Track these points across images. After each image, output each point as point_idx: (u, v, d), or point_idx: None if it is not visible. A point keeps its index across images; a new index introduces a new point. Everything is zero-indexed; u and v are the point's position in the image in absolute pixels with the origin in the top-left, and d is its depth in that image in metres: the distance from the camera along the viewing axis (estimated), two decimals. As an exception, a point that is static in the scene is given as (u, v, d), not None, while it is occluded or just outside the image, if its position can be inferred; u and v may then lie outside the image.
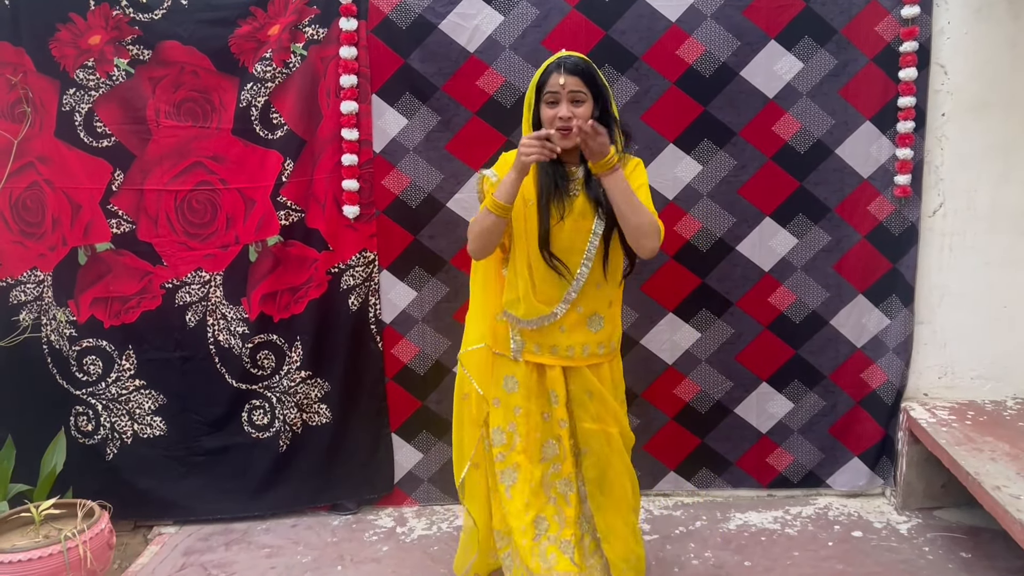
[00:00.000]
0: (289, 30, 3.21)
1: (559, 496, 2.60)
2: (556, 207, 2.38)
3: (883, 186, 3.32)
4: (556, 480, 2.60)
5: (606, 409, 2.54)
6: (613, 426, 2.55)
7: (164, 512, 3.47)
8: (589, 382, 2.52)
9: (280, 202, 3.31)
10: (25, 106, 3.24)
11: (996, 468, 2.78)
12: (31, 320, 3.35)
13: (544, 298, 2.45)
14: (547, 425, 2.57)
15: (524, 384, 2.55)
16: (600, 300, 2.49)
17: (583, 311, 2.47)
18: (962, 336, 3.43)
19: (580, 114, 2.29)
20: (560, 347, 2.49)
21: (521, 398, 2.55)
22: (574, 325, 2.47)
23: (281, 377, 3.42)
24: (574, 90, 2.29)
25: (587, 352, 2.50)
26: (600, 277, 2.46)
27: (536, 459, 2.57)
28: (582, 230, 2.41)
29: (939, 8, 3.21)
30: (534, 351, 2.52)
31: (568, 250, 2.42)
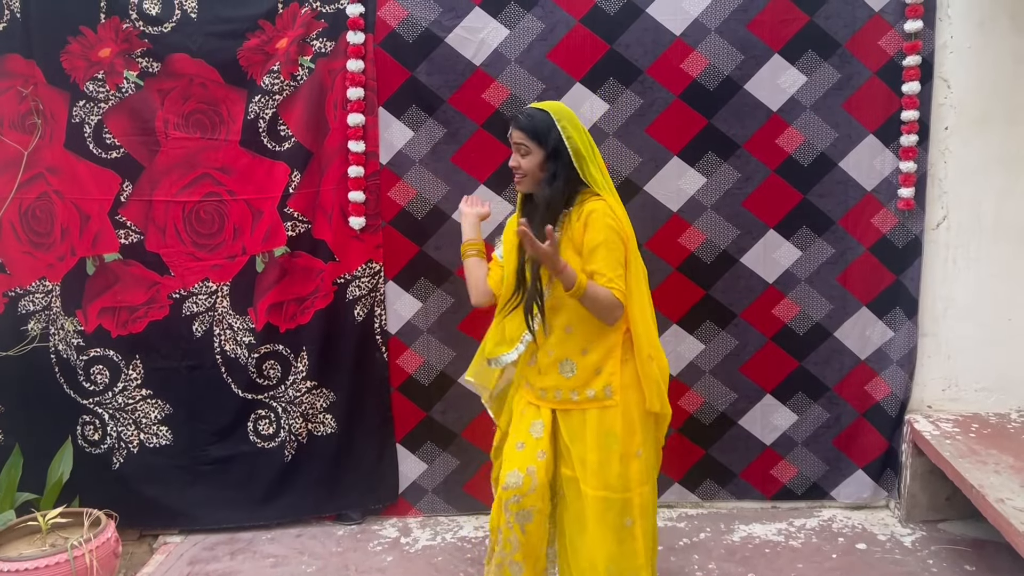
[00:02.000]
0: (297, 43, 3.24)
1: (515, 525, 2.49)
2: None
3: (887, 199, 3.33)
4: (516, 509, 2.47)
5: (580, 461, 2.43)
6: (586, 484, 2.42)
7: (170, 521, 3.48)
8: (564, 427, 2.47)
9: (287, 213, 3.34)
10: (35, 117, 3.28)
11: (1000, 480, 2.78)
12: (39, 330, 3.37)
13: (509, 337, 2.53)
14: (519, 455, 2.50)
15: (508, 409, 2.65)
16: (571, 346, 2.42)
17: (554, 355, 2.44)
18: (966, 348, 3.43)
19: (523, 164, 2.41)
20: (535, 386, 2.53)
21: (504, 421, 2.67)
22: (547, 368, 2.48)
23: (287, 387, 3.44)
24: (517, 142, 2.41)
25: (559, 397, 2.46)
26: (571, 321, 2.40)
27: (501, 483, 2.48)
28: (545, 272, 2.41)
29: (942, 22, 3.23)
30: (524, 385, 2.58)
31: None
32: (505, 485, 2.45)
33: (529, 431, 2.50)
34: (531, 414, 2.53)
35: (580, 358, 2.43)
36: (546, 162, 2.39)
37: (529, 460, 2.46)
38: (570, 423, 2.47)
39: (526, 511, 2.44)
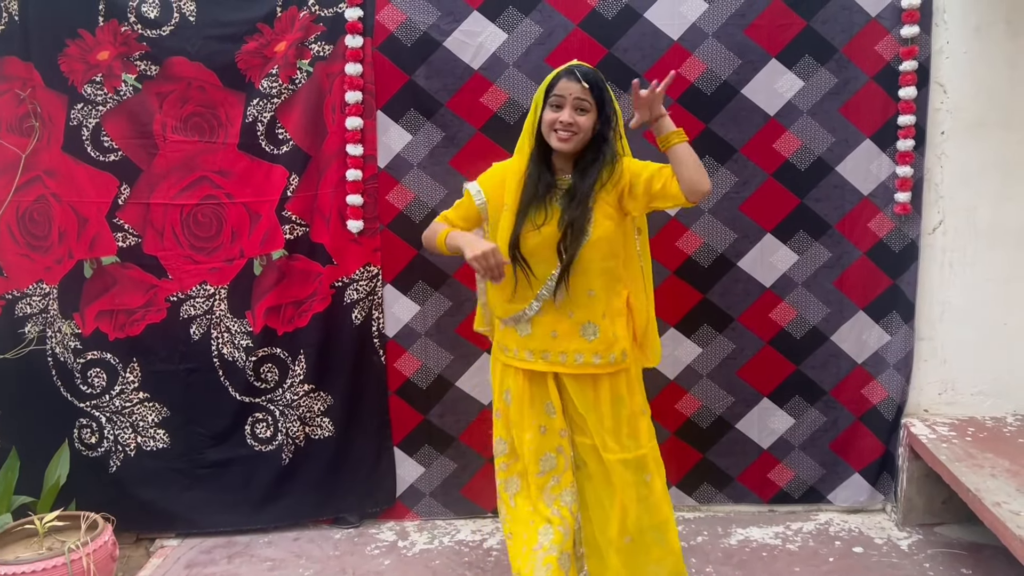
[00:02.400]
0: (295, 47, 3.24)
1: (563, 508, 2.57)
2: (533, 216, 2.41)
3: (883, 203, 3.34)
4: (558, 492, 2.58)
5: (597, 427, 2.51)
6: (606, 450, 2.51)
7: (167, 524, 3.47)
8: (579, 396, 2.50)
9: (285, 216, 3.34)
10: (33, 120, 3.27)
11: (996, 484, 2.79)
12: (36, 332, 3.37)
13: (519, 297, 2.47)
14: (544, 438, 2.54)
15: (517, 397, 2.55)
16: (593, 309, 2.46)
17: (575, 317, 2.45)
18: (962, 352, 3.44)
19: (580, 122, 2.33)
20: (552, 352, 2.48)
21: (515, 412, 2.56)
22: (567, 331, 2.46)
23: (284, 390, 3.44)
24: (579, 97, 2.32)
25: (580, 360, 2.47)
26: (592, 284, 2.44)
27: (534, 471, 2.54)
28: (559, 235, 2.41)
29: (938, 28, 3.24)
30: (526, 358, 2.52)
31: (541, 254, 2.42)
32: (540, 472, 2.52)
33: (544, 411, 2.54)
34: (538, 393, 2.53)
35: (601, 321, 2.47)
36: (598, 121, 2.37)
37: (555, 441, 2.54)
38: (583, 392, 2.50)
39: (568, 490, 2.56)
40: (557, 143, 2.36)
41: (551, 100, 2.35)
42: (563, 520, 2.55)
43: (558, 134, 2.35)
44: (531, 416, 2.53)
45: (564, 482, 2.57)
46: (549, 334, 2.47)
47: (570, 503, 2.58)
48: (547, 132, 2.37)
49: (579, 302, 2.45)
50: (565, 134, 2.34)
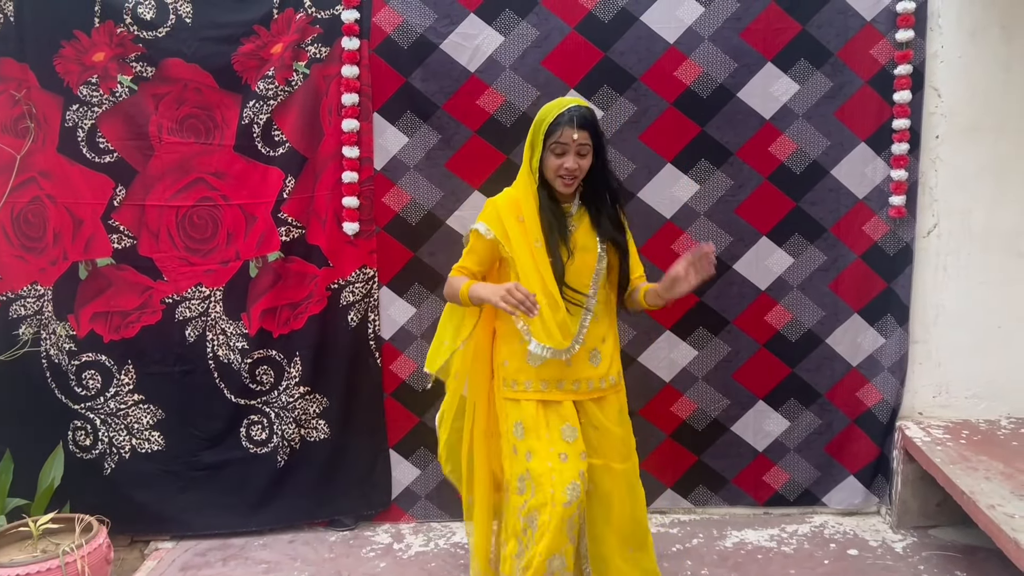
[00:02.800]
0: (292, 48, 3.24)
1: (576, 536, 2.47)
2: (563, 246, 2.44)
3: (878, 206, 3.36)
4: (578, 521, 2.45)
5: (611, 442, 2.54)
6: (618, 461, 2.55)
7: (161, 527, 3.46)
8: (593, 415, 2.53)
9: (281, 218, 3.34)
10: (28, 121, 3.27)
11: (991, 487, 2.80)
12: (31, 334, 3.36)
13: (565, 328, 2.43)
14: (567, 466, 2.40)
15: (532, 427, 2.45)
16: (595, 335, 2.51)
17: (584, 345, 2.49)
18: (956, 355, 3.45)
19: (583, 166, 2.40)
20: (566, 381, 2.49)
21: (532, 440, 2.45)
22: (578, 359, 2.48)
23: (280, 392, 3.43)
24: (583, 143, 2.37)
25: (591, 387, 2.52)
26: (597, 309, 2.52)
27: (561, 501, 2.36)
28: (586, 264, 2.47)
29: (933, 32, 3.26)
30: (541, 388, 2.49)
31: (574, 284, 2.45)
32: (567, 502, 2.35)
33: (562, 437, 2.45)
34: (555, 418, 2.47)
35: (602, 346, 2.53)
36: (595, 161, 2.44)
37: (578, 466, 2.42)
38: (601, 409, 2.54)
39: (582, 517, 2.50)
40: (563, 188, 2.43)
41: (553, 148, 2.38)
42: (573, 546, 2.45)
43: (563, 180, 2.41)
44: (549, 443, 2.43)
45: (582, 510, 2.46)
46: (564, 363, 2.47)
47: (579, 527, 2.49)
48: (552, 177, 2.42)
49: (589, 328, 2.50)
50: (571, 180, 2.41)
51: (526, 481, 2.43)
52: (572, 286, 2.44)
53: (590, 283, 2.48)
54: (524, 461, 2.44)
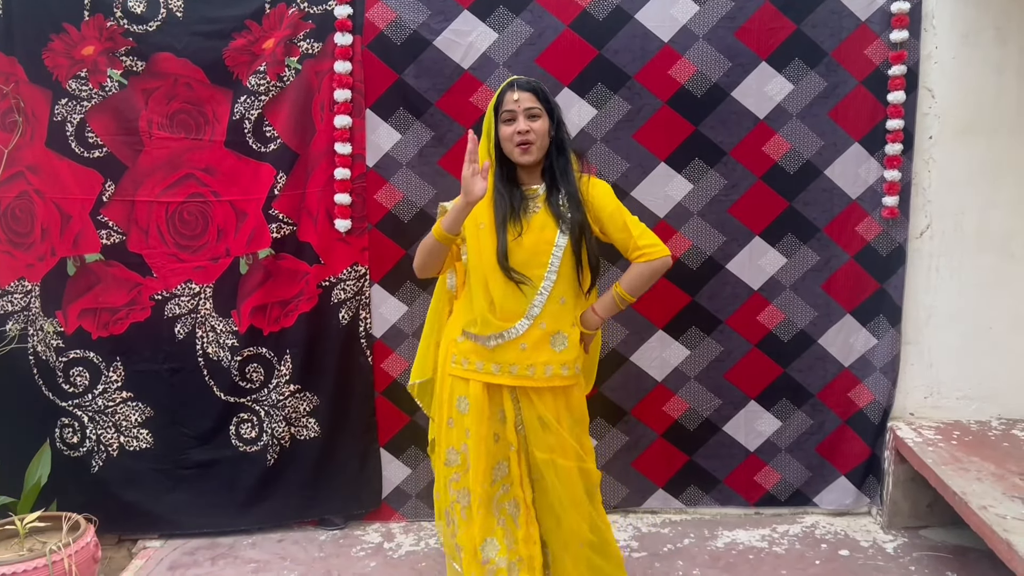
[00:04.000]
0: (284, 44, 3.22)
1: (508, 517, 2.49)
2: (512, 226, 2.39)
3: (871, 207, 3.36)
4: (505, 501, 2.49)
5: (558, 439, 2.45)
6: (566, 459, 2.46)
7: (150, 526, 3.43)
8: (541, 408, 2.44)
9: (272, 215, 3.31)
10: (16, 115, 3.23)
11: (982, 488, 2.80)
12: (18, 330, 3.32)
13: (505, 315, 2.40)
14: (498, 447, 2.46)
15: (475, 406, 2.44)
16: (563, 318, 2.44)
17: (546, 328, 2.41)
18: (948, 356, 3.46)
19: (536, 128, 2.35)
20: (520, 365, 2.41)
21: (472, 420, 2.45)
22: (537, 343, 2.40)
23: (270, 390, 3.41)
24: (529, 106, 2.36)
25: (549, 372, 2.42)
26: (564, 292, 2.43)
27: (487, 481, 2.44)
28: (543, 242, 2.40)
29: (927, 33, 3.26)
30: (492, 371, 2.43)
31: (528, 263, 2.39)
32: (492, 480, 2.44)
33: (499, 420, 2.46)
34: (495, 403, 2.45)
35: (571, 330, 2.46)
36: (551, 127, 2.39)
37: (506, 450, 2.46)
38: (548, 403, 2.44)
39: (516, 501, 2.47)
40: (520, 156, 2.37)
41: (503, 116, 2.38)
42: (507, 532, 2.48)
43: (520, 148, 2.36)
44: (487, 425, 2.44)
45: (512, 492, 2.48)
46: (518, 346, 2.40)
47: (515, 514, 2.49)
48: (509, 149, 2.39)
49: (551, 310, 2.42)
50: (524, 144, 2.36)
51: (460, 455, 2.46)
52: (520, 267, 2.37)
53: (547, 262, 2.39)
54: (462, 436, 2.46)
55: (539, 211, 2.42)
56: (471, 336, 2.45)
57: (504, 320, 2.41)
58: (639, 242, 2.43)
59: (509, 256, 2.37)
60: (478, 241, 2.44)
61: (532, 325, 2.40)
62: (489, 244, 2.40)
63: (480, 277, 2.43)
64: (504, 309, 2.41)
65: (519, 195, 2.43)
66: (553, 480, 2.46)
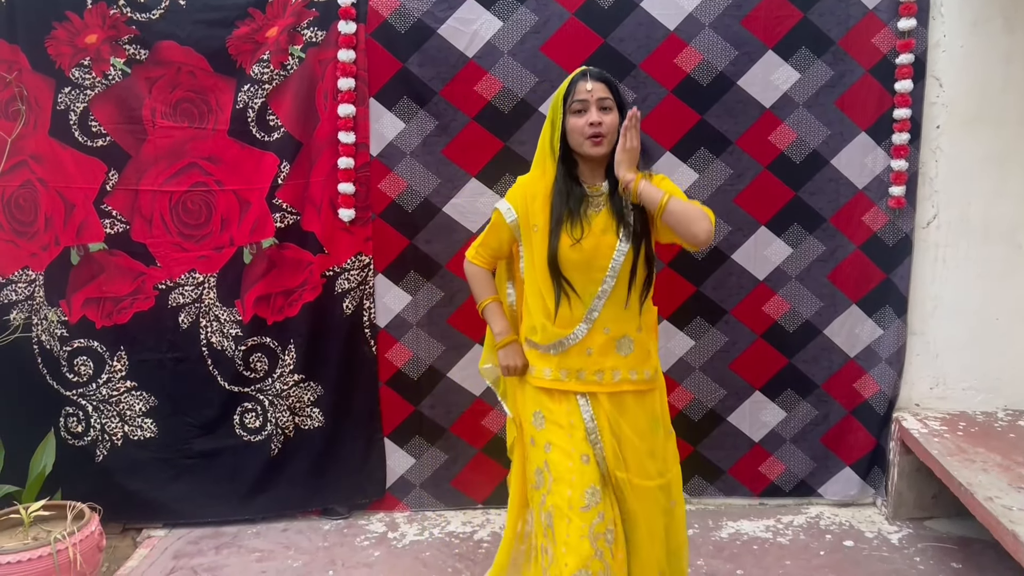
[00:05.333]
0: (287, 32, 3.20)
1: (605, 549, 2.26)
2: (570, 230, 2.24)
3: (878, 197, 3.34)
4: (602, 530, 2.25)
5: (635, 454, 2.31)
6: (646, 478, 2.32)
7: (154, 515, 3.44)
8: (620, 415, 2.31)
9: (276, 204, 3.30)
10: (20, 104, 3.22)
11: (988, 479, 2.79)
12: (22, 320, 3.32)
13: (563, 321, 2.29)
14: (588, 468, 2.27)
15: (550, 420, 2.32)
16: (628, 322, 2.30)
17: (611, 333, 2.28)
18: (954, 347, 3.45)
19: (607, 121, 2.20)
20: (587, 371, 2.30)
21: (552, 434, 2.31)
22: (602, 348, 2.28)
23: (274, 380, 3.41)
24: (602, 96, 2.21)
25: (618, 377, 2.30)
26: (626, 296, 2.28)
27: (580, 504, 2.23)
28: (604, 245, 2.25)
29: (935, 21, 3.23)
30: (561, 377, 2.32)
31: (588, 266, 2.26)
32: (585, 506, 2.22)
33: (586, 438, 2.29)
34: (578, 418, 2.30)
35: (636, 335, 2.31)
36: (619, 120, 2.22)
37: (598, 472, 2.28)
38: (622, 411, 2.32)
39: (610, 529, 2.27)
40: (591, 148, 2.21)
41: (573, 106, 2.21)
42: (605, 566, 2.24)
43: (592, 140, 2.21)
44: (571, 442, 2.29)
45: (607, 518, 2.28)
46: (584, 351, 2.29)
47: (611, 542, 2.29)
48: (578, 141, 2.23)
49: (614, 315, 2.28)
50: (596, 136, 2.20)
51: (543, 474, 2.30)
52: (579, 270, 2.25)
53: (607, 265, 2.25)
54: (543, 452, 2.31)
55: (601, 211, 2.27)
56: (532, 344, 2.36)
57: (562, 327, 2.29)
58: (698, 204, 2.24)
59: (564, 259, 2.25)
60: (531, 246, 2.33)
61: (592, 329, 2.28)
62: (542, 248, 2.29)
63: (534, 284, 2.33)
64: (561, 316, 2.28)
65: (578, 194, 2.27)
66: (633, 502, 2.31)
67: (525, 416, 2.41)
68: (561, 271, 2.26)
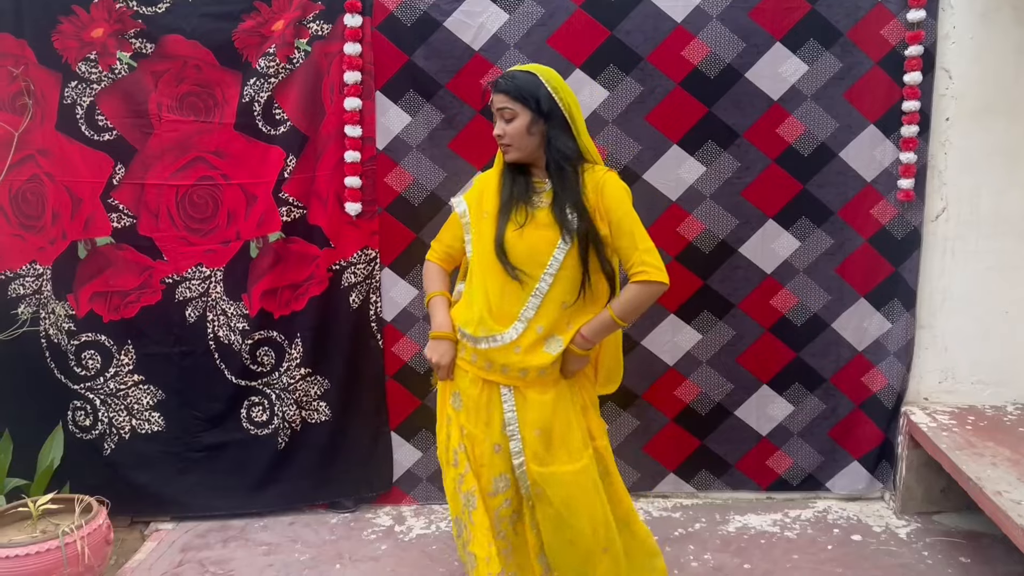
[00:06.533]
0: (293, 25, 3.19)
1: (508, 531, 2.39)
2: (515, 215, 2.27)
3: (886, 190, 3.32)
4: (508, 514, 2.38)
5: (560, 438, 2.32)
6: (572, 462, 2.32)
7: (161, 508, 3.45)
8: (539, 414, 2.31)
9: (282, 198, 3.30)
10: (26, 98, 3.23)
11: (997, 473, 2.78)
12: (29, 314, 3.33)
13: (501, 316, 2.29)
14: (498, 457, 2.33)
15: (467, 406, 2.35)
16: (563, 323, 2.31)
17: (543, 332, 2.28)
18: (963, 341, 3.42)
19: (508, 131, 2.24)
20: (511, 368, 2.29)
21: (466, 419, 2.36)
22: (531, 346, 2.28)
23: (281, 374, 3.41)
24: (501, 107, 2.26)
25: (543, 374, 2.31)
26: (567, 296, 2.29)
27: (488, 490, 2.34)
28: (544, 241, 2.26)
29: (945, 12, 3.21)
30: (484, 367, 2.32)
31: (528, 261, 2.26)
32: (493, 492, 2.34)
33: (502, 430, 2.33)
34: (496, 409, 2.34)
35: (566, 332, 2.32)
36: (534, 123, 2.23)
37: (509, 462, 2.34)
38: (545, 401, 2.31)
39: (516, 512, 2.39)
40: (505, 156, 2.31)
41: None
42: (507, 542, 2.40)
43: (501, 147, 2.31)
44: (485, 431, 2.34)
45: (514, 504, 2.38)
46: (513, 349, 2.28)
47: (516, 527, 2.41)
48: None
49: (550, 313, 2.29)
50: (502, 146, 2.29)
51: (458, 455, 2.35)
52: (519, 262, 2.25)
53: (547, 262, 2.26)
54: (459, 434, 2.36)
55: (544, 207, 2.28)
56: (465, 335, 2.34)
57: (500, 323, 2.29)
58: (644, 256, 2.26)
59: (508, 248, 2.26)
60: (480, 231, 2.34)
61: (527, 328, 2.28)
62: (489, 233, 2.30)
63: (481, 271, 2.33)
64: (501, 310, 2.29)
65: (524, 183, 2.31)
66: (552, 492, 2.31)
67: (444, 394, 2.44)
68: (508, 258, 2.26)
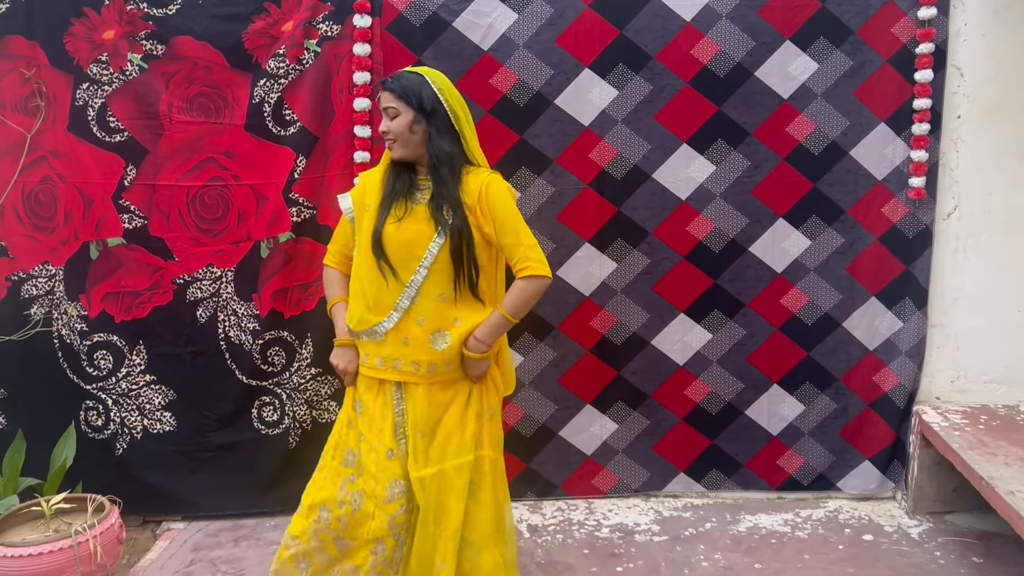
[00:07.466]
0: (303, 26, 3.20)
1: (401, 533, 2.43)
2: (395, 209, 2.37)
3: (897, 188, 3.30)
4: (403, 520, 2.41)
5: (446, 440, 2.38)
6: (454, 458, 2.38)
7: (173, 507, 3.47)
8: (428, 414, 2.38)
9: (292, 199, 3.31)
10: (38, 100, 3.24)
11: (1010, 473, 2.76)
12: (42, 314, 3.35)
13: (378, 308, 2.38)
14: (391, 464, 2.39)
15: (365, 412, 2.44)
16: (445, 317, 2.37)
17: (426, 325, 2.36)
18: (975, 340, 3.41)
19: (392, 128, 2.35)
20: (403, 361, 2.38)
21: (364, 426, 2.43)
22: (418, 340, 2.35)
23: (291, 374, 3.42)
24: (386, 105, 2.37)
25: (433, 370, 2.37)
26: (443, 290, 2.36)
27: (381, 498, 2.38)
28: (422, 235, 2.35)
29: (956, 10, 3.19)
30: (377, 365, 2.41)
31: (405, 255, 2.36)
32: (388, 499, 2.37)
33: (394, 436, 2.40)
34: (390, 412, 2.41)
35: (454, 329, 2.37)
36: (416, 122, 2.35)
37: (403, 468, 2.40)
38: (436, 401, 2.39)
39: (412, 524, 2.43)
40: (391, 151, 2.41)
41: None
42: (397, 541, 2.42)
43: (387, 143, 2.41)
44: (379, 438, 2.40)
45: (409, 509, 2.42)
46: (401, 341, 2.36)
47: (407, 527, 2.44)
48: None
49: (429, 308, 2.36)
50: (387, 142, 2.40)
51: (356, 459, 2.43)
52: (395, 255, 2.35)
53: (422, 256, 2.35)
54: (357, 440, 2.45)
55: (423, 203, 2.38)
56: (353, 334, 2.46)
57: (377, 315, 2.38)
58: (528, 252, 2.36)
59: (385, 240, 2.35)
60: (362, 228, 2.43)
61: (404, 319, 2.36)
62: (369, 226, 2.39)
63: (362, 266, 2.41)
64: (378, 302, 2.38)
65: (407, 179, 2.41)
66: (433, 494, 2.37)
67: (349, 399, 2.53)
68: (384, 251, 2.34)
